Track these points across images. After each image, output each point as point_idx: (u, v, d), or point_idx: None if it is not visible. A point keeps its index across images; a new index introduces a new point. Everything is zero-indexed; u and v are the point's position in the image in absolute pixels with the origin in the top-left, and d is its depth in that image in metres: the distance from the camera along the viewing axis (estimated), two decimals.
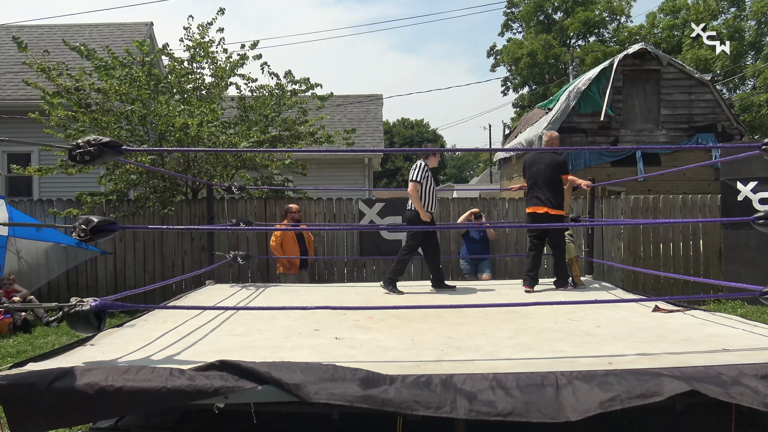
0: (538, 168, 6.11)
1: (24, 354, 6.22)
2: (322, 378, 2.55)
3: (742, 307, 8.57)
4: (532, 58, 37.27)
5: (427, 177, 6.16)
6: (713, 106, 15.10)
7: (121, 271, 9.70)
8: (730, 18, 30.66)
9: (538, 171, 6.09)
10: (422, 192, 6.11)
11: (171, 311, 4.64)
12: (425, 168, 6.19)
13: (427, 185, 6.15)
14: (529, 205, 6.15)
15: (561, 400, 2.50)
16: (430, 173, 6.24)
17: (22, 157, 12.93)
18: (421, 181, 6.10)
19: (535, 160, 6.22)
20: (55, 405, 2.63)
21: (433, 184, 6.21)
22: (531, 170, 6.18)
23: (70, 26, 16.57)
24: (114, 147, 3.40)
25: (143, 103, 9.08)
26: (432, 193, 6.17)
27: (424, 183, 6.11)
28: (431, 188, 6.17)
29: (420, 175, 6.11)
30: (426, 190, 6.14)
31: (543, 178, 6.04)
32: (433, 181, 6.29)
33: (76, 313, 3.04)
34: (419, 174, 6.11)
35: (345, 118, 17.96)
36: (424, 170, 6.16)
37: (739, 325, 3.92)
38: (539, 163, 6.14)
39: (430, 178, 6.20)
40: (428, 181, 6.16)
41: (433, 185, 6.20)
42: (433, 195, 6.19)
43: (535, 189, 6.06)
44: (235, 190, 7.33)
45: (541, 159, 6.18)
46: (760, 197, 8.80)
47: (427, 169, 6.22)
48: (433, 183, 6.25)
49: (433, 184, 6.23)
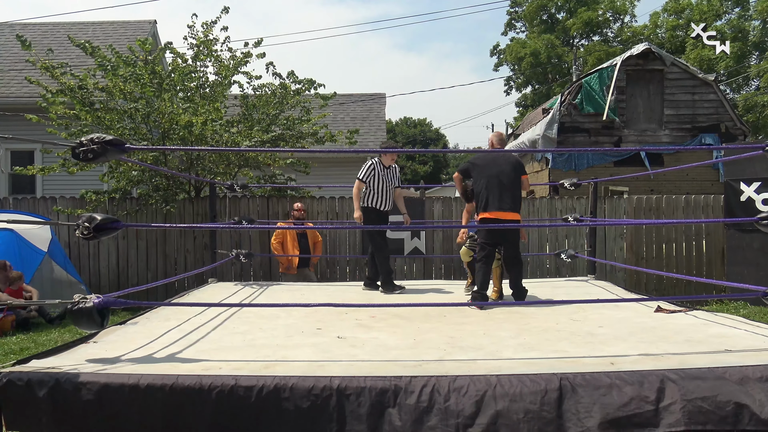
0: (501, 169, 5.32)
1: (27, 351, 6.24)
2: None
3: (744, 308, 8.56)
4: (535, 58, 37.22)
5: (375, 176, 6.03)
6: (717, 107, 15.07)
7: (124, 269, 9.72)
8: (734, 18, 30.57)
9: (501, 172, 5.30)
10: (372, 190, 6.03)
11: (173, 309, 4.65)
12: (373, 167, 6.05)
13: (378, 184, 6.03)
14: (491, 209, 5.26)
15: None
16: (383, 171, 6.07)
17: (26, 155, 12.96)
18: (366, 180, 6.00)
19: (493, 160, 5.42)
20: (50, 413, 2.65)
21: (386, 183, 6.06)
22: (490, 171, 5.32)
23: (73, 24, 16.58)
24: (117, 145, 3.40)
25: (147, 101, 9.09)
26: (383, 191, 6.05)
27: (372, 182, 6.01)
28: (383, 186, 6.04)
29: (364, 174, 6.03)
30: (377, 189, 6.03)
31: (508, 180, 5.29)
32: (390, 179, 6.12)
33: (79, 310, 3.05)
34: (363, 173, 6.03)
35: (348, 117, 17.96)
36: (371, 169, 6.04)
37: (741, 325, 3.91)
38: (500, 164, 5.35)
39: (382, 176, 6.05)
40: (379, 180, 6.03)
41: (385, 183, 6.06)
42: (385, 193, 6.06)
43: (499, 191, 5.26)
44: (237, 188, 7.33)
45: (501, 159, 5.44)
46: (764, 198, 8.78)
47: (376, 168, 6.06)
48: (387, 181, 6.08)
49: (387, 183, 6.07)
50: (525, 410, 2.58)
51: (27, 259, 8.26)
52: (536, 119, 18.28)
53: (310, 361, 3.11)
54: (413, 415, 2.60)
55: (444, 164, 50.33)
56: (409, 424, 2.60)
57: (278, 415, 2.64)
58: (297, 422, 2.63)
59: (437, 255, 9.53)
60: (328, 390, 2.64)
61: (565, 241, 9.73)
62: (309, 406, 2.63)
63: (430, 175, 46.73)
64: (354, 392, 2.64)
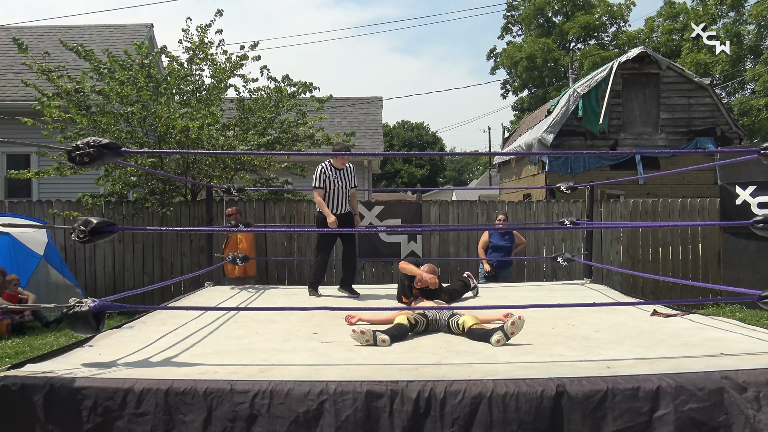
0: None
1: (22, 355, 6.21)
2: None
3: (740, 311, 8.58)
4: (531, 62, 37.34)
5: (327, 180, 5.91)
6: (712, 110, 15.13)
7: (120, 273, 9.69)
8: (729, 23, 30.70)
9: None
10: (326, 195, 5.94)
11: (170, 313, 4.64)
12: (323, 170, 5.94)
13: (331, 187, 5.92)
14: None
15: None
16: (335, 174, 5.94)
17: (22, 158, 12.93)
18: (321, 186, 5.90)
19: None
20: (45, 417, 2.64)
21: (338, 185, 5.94)
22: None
23: (70, 27, 16.56)
24: (113, 148, 3.40)
25: (143, 105, 9.08)
26: (336, 193, 5.94)
27: (327, 186, 5.91)
28: (334, 189, 5.93)
29: (318, 180, 5.92)
30: (329, 192, 5.93)
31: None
32: (344, 180, 5.99)
33: (75, 313, 3.04)
34: (317, 180, 5.93)
35: (344, 120, 17.96)
36: (321, 173, 5.93)
37: (737, 329, 3.92)
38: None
39: (333, 179, 5.92)
40: (331, 183, 5.92)
41: (338, 185, 5.94)
42: (338, 195, 5.95)
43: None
44: (234, 191, 7.32)
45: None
46: (759, 201, 8.81)
47: (327, 172, 5.93)
48: (341, 183, 5.96)
49: (340, 185, 5.95)
50: (521, 414, 2.58)
51: (23, 263, 8.24)
52: (533, 122, 18.31)
53: (306, 365, 3.11)
54: (409, 420, 2.60)
55: (441, 167, 50.40)
56: (406, 429, 2.60)
57: (273, 419, 2.63)
58: (292, 427, 2.62)
59: (434, 258, 9.53)
60: (324, 394, 2.64)
61: (561, 245, 9.74)
62: (305, 410, 2.62)
63: (427, 179, 46.80)
64: (350, 397, 2.63)
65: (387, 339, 3.63)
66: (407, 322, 3.92)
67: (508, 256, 8.33)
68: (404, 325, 3.88)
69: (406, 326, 3.88)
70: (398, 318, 3.99)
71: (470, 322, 3.86)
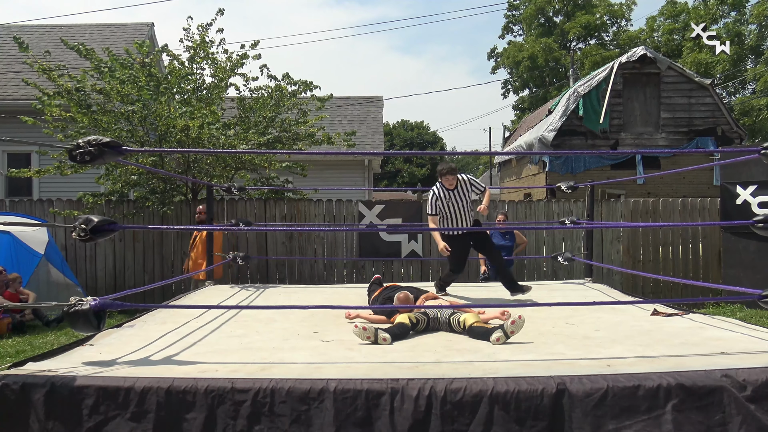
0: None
1: (23, 354, 6.22)
2: None
3: (741, 311, 8.57)
4: (532, 61, 37.29)
5: (440, 204, 5.68)
6: (713, 110, 15.12)
7: (121, 271, 9.70)
8: (730, 23, 30.68)
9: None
10: (443, 218, 5.73)
11: (170, 312, 4.64)
12: (434, 195, 5.71)
13: (447, 210, 5.72)
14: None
15: None
16: (447, 196, 5.67)
17: (23, 157, 12.93)
18: (435, 212, 5.69)
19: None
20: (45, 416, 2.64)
21: (455, 204, 5.70)
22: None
23: (71, 26, 16.56)
24: (114, 147, 3.40)
25: (144, 104, 9.09)
26: (456, 214, 5.71)
27: (441, 210, 5.69)
28: (453, 211, 5.72)
29: (431, 207, 5.72)
30: (448, 215, 5.74)
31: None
32: (459, 198, 5.71)
33: (75, 312, 3.05)
34: (430, 206, 5.74)
35: (345, 120, 17.95)
36: (434, 199, 5.70)
37: (737, 328, 3.92)
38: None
39: (447, 202, 5.68)
40: (446, 206, 5.70)
41: (455, 205, 5.70)
42: (459, 215, 5.71)
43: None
44: (234, 190, 7.33)
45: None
46: (759, 201, 8.80)
47: (438, 194, 5.68)
48: (456, 201, 5.70)
49: (456, 204, 5.69)
50: (521, 412, 2.58)
51: (24, 262, 8.23)
52: (533, 122, 18.30)
53: (306, 363, 3.11)
54: (410, 418, 2.60)
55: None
56: (406, 427, 2.60)
57: (274, 417, 2.63)
58: (293, 425, 2.62)
59: (434, 258, 9.53)
60: (324, 392, 2.64)
61: (562, 244, 9.74)
62: (305, 408, 2.63)
63: (428, 178, 46.77)
64: (350, 394, 2.63)
65: (388, 338, 3.64)
66: (408, 322, 3.94)
67: (509, 256, 8.34)
68: (405, 324, 3.90)
69: (407, 325, 3.90)
70: (399, 317, 4.01)
71: (471, 320, 3.87)
